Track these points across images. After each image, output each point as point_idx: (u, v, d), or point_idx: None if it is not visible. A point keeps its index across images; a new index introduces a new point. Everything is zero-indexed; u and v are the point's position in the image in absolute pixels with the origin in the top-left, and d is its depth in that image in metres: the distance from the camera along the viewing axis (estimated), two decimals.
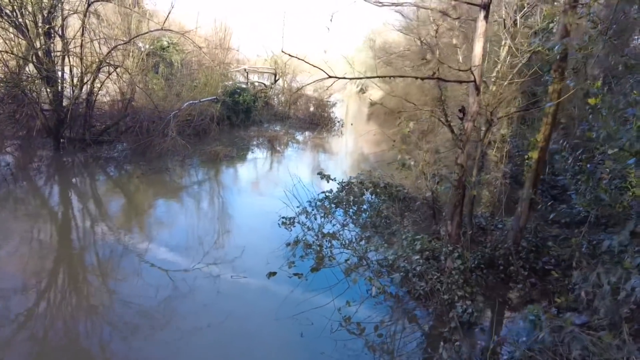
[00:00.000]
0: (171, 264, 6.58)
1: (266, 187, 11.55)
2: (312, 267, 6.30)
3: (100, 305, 5.54)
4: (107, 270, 6.55)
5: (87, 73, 11.47)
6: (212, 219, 9.07)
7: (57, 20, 10.86)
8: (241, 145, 15.87)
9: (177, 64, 17.51)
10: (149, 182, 10.82)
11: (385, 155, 16.64)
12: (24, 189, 9.88)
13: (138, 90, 12.80)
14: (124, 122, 12.09)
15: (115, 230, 8.10)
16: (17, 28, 10.26)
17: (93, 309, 5.46)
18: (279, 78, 24.03)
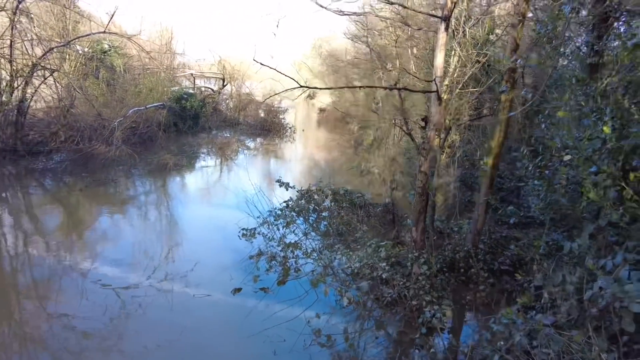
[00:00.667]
0: (119, 281, 6.14)
1: (219, 196, 11.19)
2: (279, 280, 6.13)
3: (38, 331, 5.02)
4: (46, 292, 5.98)
5: (18, 77, 10.46)
6: (163, 232, 8.60)
7: None
8: (190, 153, 15.27)
9: (119, 68, 16.53)
10: (92, 194, 10.07)
11: (338, 162, 16.82)
12: None
13: (78, 96, 11.87)
14: (62, 131, 11.15)
15: (54, 248, 7.44)
16: None
17: (29, 336, 4.94)
18: (227, 83, 23.50)
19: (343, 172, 13.69)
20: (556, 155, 4.22)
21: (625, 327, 2.94)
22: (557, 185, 4.02)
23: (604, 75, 4.06)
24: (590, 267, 3.36)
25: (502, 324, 3.58)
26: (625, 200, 3.32)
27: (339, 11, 5.79)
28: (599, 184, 3.47)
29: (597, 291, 3.08)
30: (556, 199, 4.08)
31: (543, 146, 4.76)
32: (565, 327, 3.53)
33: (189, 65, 23.00)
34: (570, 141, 3.40)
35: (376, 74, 11.27)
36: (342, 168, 15.27)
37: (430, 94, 5.41)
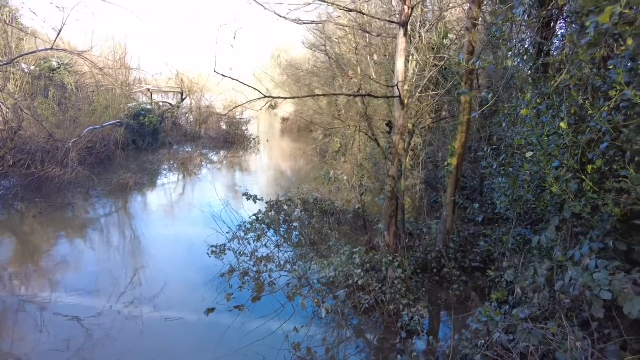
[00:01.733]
0: (83, 310, 5.83)
1: (185, 213, 10.84)
2: (253, 296, 5.97)
3: None
4: (3, 328, 5.55)
5: None
6: (127, 254, 8.20)
7: None
8: (151, 170, 14.75)
9: (70, 86, 15.79)
10: (47, 220, 9.49)
11: (304, 170, 16.78)
12: None
13: (26, 117, 11.20)
14: (10, 155, 10.46)
15: (7, 280, 6.93)
16: None
17: None
18: (186, 96, 23.00)
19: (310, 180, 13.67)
20: (518, 152, 4.36)
21: (595, 313, 3.04)
22: (521, 181, 4.15)
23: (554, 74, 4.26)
24: (559, 259, 3.47)
25: (480, 322, 3.63)
26: (585, 191, 3.46)
27: (297, 20, 5.77)
28: (560, 178, 3.61)
29: (568, 282, 3.18)
30: (521, 194, 4.21)
31: (504, 144, 4.91)
32: (540, 319, 3.63)
33: (145, 80, 22.33)
34: (534, 137, 3.52)
35: (337, 81, 11.38)
36: (309, 176, 15.24)
37: (393, 98, 5.47)
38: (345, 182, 7.70)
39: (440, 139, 11.13)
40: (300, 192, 9.18)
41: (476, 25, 6.04)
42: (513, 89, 6.86)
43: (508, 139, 4.75)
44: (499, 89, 5.31)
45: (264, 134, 25.53)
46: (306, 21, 5.90)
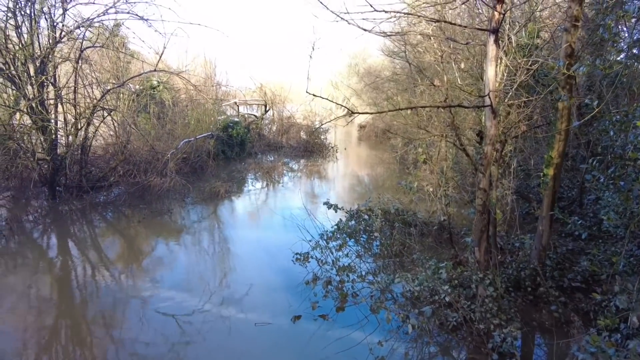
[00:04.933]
0: (178, 308, 6.35)
1: (270, 220, 11.34)
2: (337, 306, 6.06)
3: (106, 356, 5.28)
4: (111, 320, 6.26)
5: (82, 119, 11.30)
6: (217, 258, 8.79)
7: (49, 69, 10.73)
8: (239, 179, 15.71)
9: (168, 102, 17.47)
10: (150, 225, 10.54)
11: (384, 179, 16.66)
12: (20, 242, 9.52)
13: (132, 132, 12.64)
14: (121, 166, 11.87)
15: (117, 277, 7.82)
16: (10, 80, 10.11)
17: None
18: (270, 108, 24.14)
19: (389, 189, 13.54)
20: (631, 164, 3.93)
21: None
22: (635, 197, 3.72)
23: None
24: None
25: (588, 353, 3.31)
26: None
27: (382, 33, 5.81)
28: None
29: None
30: (635, 211, 3.77)
31: (612, 155, 4.45)
32: None
33: (232, 94, 23.92)
34: None
35: (418, 88, 11.17)
36: (386, 185, 15.11)
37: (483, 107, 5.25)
38: (428, 193, 7.51)
39: (532, 146, 10.36)
40: (380, 202, 9.14)
41: (576, 26, 5.57)
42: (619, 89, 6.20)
43: (617, 149, 4.30)
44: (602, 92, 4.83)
45: (341, 142, 25.81)
46: (391, 33, 5.91)
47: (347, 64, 48.13)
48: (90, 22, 10.72)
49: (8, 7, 9.71)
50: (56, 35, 10.45)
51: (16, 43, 10.18)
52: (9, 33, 10.06)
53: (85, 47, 11.15)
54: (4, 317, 6.23)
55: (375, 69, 29.95)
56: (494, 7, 5.09)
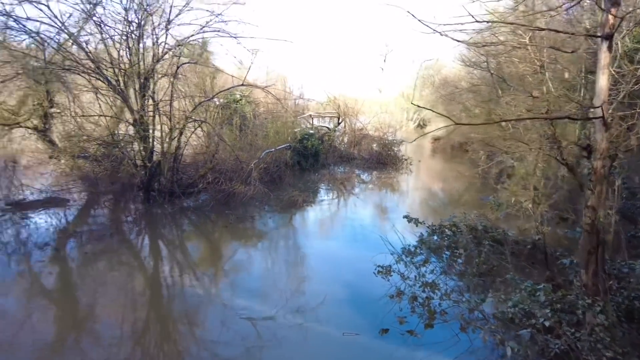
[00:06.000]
0: (255, 312, 6.55)
1: (343, 231, 11.42)
2: (425, 322, 5.91)
3: (190, 355, 5.61)
4: (195, 318, 6.66)
5: (175, 130, 12.29)
6: (293, 265, 9.01)
7: (150, 84, 11.85)
8: (314, 189, 16.04)
9: (249, 115, 18.40)
10: (232, 230, 11.09)
11: (458, 192, 16.05)
12: (120, 240, 10.50)
13: (218, 142, 13.51)
14: (209, 173, 12.72)
15: (200, 278, 8.32)
16: (120, 95, 11.34)
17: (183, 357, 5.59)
18: (342, 120, 24.44)
19: (469, 204, 13.00)
20: None
21: None
22: None
23: None
24: None
25: None
26: None
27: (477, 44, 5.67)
28: None
29: None
30: None
31: None
32: None
33: (307, 106, 24.58)
34: None
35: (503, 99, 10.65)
36: (466, 200, 14.52)
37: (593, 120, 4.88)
38: (521, 209, 7.09)
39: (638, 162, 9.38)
40: (466, 218, 8.80)
41: None
42: None
43: None
44: None
45: (414, 154, 25.29)
46: (487, 43, 5.74)
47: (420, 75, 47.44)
48: (187, 40, 11.71)
49: (123, 32, 10.96)
50: (158, 54, 11.54)
51: (126, 62, 11.40)
52: (122, 53, 11.32)
53: (181, 63, 12.16)
54: (106, 307, 6.92)
55: (451, 79, 29.13)
56: (608, 11, 4.75)
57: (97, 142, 12.55)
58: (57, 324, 6.56)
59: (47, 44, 10.66)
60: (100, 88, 11.77)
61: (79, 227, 11.33)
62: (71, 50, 11.06)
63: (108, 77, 11.03)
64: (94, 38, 11.37)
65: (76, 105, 12.58)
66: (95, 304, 7.19)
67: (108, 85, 11.24)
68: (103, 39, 11.07)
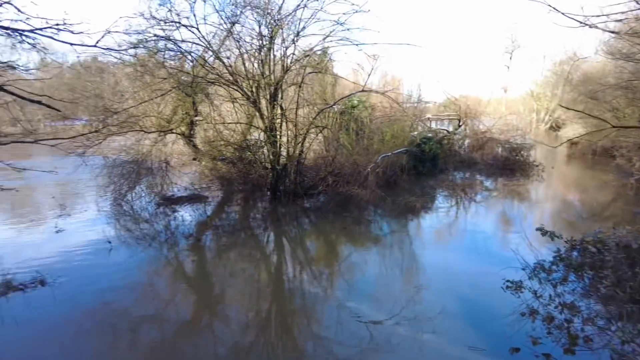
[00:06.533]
0: (368, 315, 6.54)
1: (464, 241, 10.80)
2: (565, 347, 5.30)
3: (307, 349, 5.88)
4: (312, 314, 6.92)
5: (300, 135, 13.08)
6: (407, 272, 8.81)
7: (279, 93, 12.82)
8: (432, 195, 15.55)
9: (366, 119, 18.62)
10: (349, 232, 11.34)
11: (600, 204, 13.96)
12: (249, 236, 11.54)
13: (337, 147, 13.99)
14: (330, 176, 13.25)
15: (318, 276, 8.65)
16: (253, 104, 12.51)
17: (302, 353, 5.84)
18: (463, 123, 23.21)
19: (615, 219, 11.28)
20: None
21: None
22: None
23: None
24: None
25: None
26: None
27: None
28: None
29: None
30: None
31: None
32: None
33: (425, 109, 23.91)
34: None
35: None
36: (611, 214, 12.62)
37: None
38: None
39: None
40: (615, 234, 7.65)
41: None
42: None
43: None
44: None
45: (546, 160, 22.78)
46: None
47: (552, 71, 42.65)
48: (313, 51, 12.40)
49: (256, 45, 12.09)
50: (287, 65, 12.43)
51: (258, 74, 12.53)
52: (255, 66, 12.49)
53: (307, 73, 12.91)
54: (234, 297, 7.67)
55: (594, 75, 25.53)
56: None
57: (233, 146, 14.01)
58: (195, 305, 7.57)
59: (195, 61, 12.29)
60: (237, 98, 13.17)
61: (216, 221, 12.82)
62: (213, 65, 12.55)
63: (243, 88, 12.25)
64: (232, 53, 12.74)
65: (216, 113, 14.27)
66: (226, 291, 8.09)
67: (243, 95, 12.48)
68: (240, 53, 12.32)
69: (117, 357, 5.72)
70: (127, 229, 11.86)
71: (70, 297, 7.16)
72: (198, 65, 12.32)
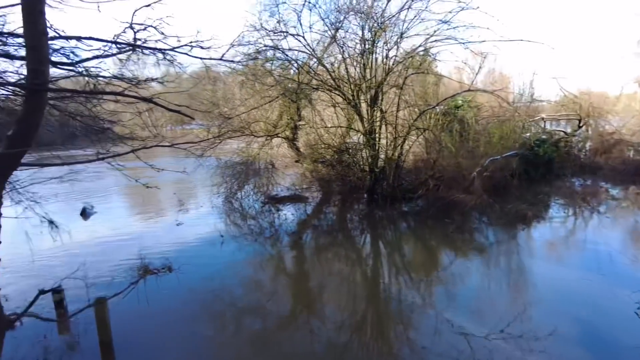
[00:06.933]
0: (469, 327, 6.17)
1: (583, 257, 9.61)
2: None
3: (403, 355, 5.74)
4: (408, 321, 6.77)
5: (399, 137, 12.90)
6: (516, 287, 8.12)
7: (379, 96, 12.82)
8: (546, 203, 14.18)
9: (471, 120, 17.58)
10: (450, 239, 10.87)
11: None
12: (345, 237, 11.74)
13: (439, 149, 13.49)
14: (431, 179, 12.87)
15: (415, 282, 8.45)
16: (354, 107, 12.71)
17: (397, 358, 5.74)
18: (584, 123, 20.69)
19: None
20: None
21: None
22: None
23: None
24: None
25: None
26: None
27: None
28: None
29: None
30: None
31: None
32: None
33: (538, 108, 21.78)
34: None
35: None
36: None
37: None
38: None
39: None
40: None
41: None
42: None
43: None
44: None
45: None
46: None
47: None
48: (416, 52, 12.16)
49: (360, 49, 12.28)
50: (388, 67, 12.38)
51: (359, 78, 12.68)
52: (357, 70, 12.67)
53: (408, 74, 12.68)
54: (331, 296, 7.86)
55: None
56: None
57: (332, 149, 14.37)
58: (294, 300, 7.95)
59: (301, 68, 12.88)
60: (338, 103, 13.49)
61: (315, 221, 13.28)
62: (317, 71, 13.02)
63: (345, 92, 12.50)
64: (336, 58, 13.09)
65: (318, 118, 14.77)
66: (323, 289, 8.34)
67: (344, 99, 12.74)
68: (343, 58, 12.60)
69: (223, 342, 6.26)
70: (236, 224, 12.91)
71: (189, 284, 8.01)
72: (303, 72, 12.87)
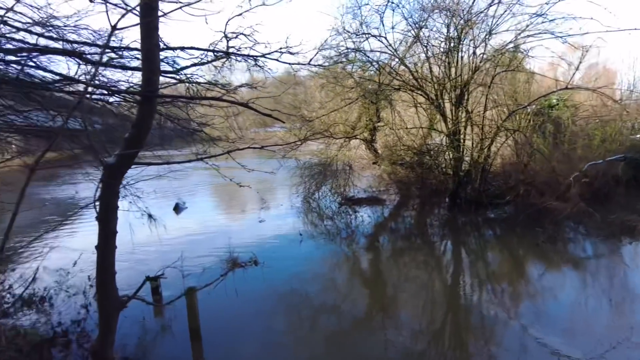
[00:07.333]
0: (561, 348, 5.59)
1: None
2: None
3: None
4: (490, 334, 6.31)
5: (487, 139, 12.19)
6: (617, 308, 7.12)
7: (465, 95, 12.24)
8: None
9: (566, 121, 16.02)
10: (541, 250, 10.00)
11: None
12: (424, 242, 11.38)
13: (530, 152, 12.50)
14: (521, 185, 11.97)
15: (500, 294, 7.91)
16: (437, 108, 12.29)
17: None
18: None
19: None
20: None
21: None
22: None
23: None
24: None
25: None
26: None
27: None
28: None
29: None
30: None
31: None
32: None
33: None
34: None
35: None
36: None
37: None
38: None
39: None
40: None
41: None
42: None
43: None
44: None
45: None
46: None
47: None
48: (506, 48, 11.40)
49: (445, 48, 11.85)
50: (476, 64, 11.77)
51: (444, 77, 12.23)
52: (441, 69, 12.24)
53: (497, 72, 11.92)
54: (407, 302, 7.65)
55: None
56: None
57: (412, 151, 14.03)
58: (369, 303, 7.86)
59: (382, 69, 12.75)
60: (420, 103, 13.14)
61: (392, 225, 13.09)
62: (398, 71, 12.80)
63: (427, 92, 12.14)
64: (419, 58, 12.77)
65: (398, 119, 14.51)
66: (399, 294, 8.16)
67: (427, 99, 12.38)
68: (427, 57, 12.25)
69: (299, 338, 6.38)
70: (313, 223, 13.19)
71: (271, 279, 8.32)
72: (384, 73, 12.73)
